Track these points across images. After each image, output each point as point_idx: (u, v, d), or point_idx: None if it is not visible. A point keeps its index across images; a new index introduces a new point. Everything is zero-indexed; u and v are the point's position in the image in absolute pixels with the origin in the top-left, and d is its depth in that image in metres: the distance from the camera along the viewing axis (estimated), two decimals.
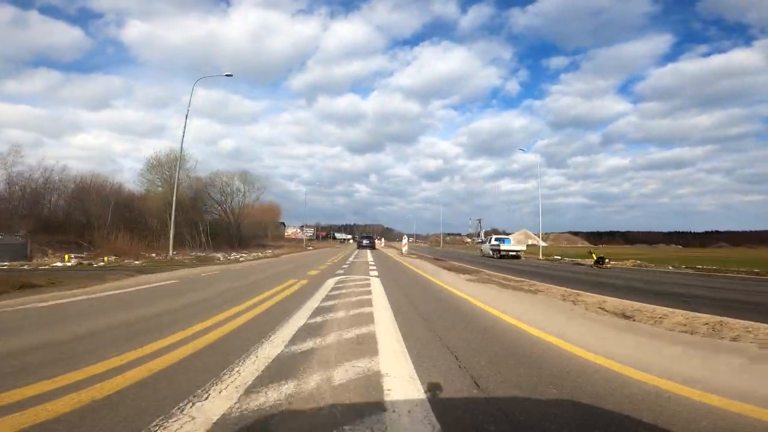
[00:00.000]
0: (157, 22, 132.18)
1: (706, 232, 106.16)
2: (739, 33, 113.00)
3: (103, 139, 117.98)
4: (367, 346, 3.66)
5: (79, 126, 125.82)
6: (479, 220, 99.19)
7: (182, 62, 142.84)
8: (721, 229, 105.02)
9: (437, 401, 2.41)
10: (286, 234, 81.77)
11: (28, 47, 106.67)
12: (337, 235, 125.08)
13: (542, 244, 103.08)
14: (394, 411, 2.24)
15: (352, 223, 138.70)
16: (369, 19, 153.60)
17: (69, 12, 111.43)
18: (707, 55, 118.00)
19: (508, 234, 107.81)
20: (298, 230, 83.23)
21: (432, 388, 2.61)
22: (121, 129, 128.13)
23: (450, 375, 2.90)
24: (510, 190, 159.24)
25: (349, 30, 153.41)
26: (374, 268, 15.34)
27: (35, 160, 27.20)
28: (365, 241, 43.25)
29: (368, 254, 26.70)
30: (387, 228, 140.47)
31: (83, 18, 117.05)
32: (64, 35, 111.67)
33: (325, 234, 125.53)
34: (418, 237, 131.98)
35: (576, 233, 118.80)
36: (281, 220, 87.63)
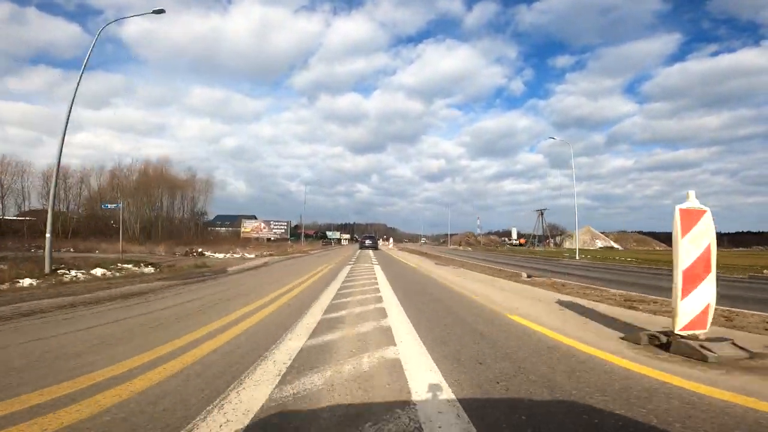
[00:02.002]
0: (157, 18, 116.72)
1: (739, 233, 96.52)
2: (750, 32, 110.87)
3: (104, 138, 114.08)
4: None
5: (80, 124, 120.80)
6: (541, 212, 69.15)
7: (183, 60, 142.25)
8: (724, 230, 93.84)
9: None
10: (243, 230, 53.63)
11: (26, 44, 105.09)
12: (329, 234, 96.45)
13: (614, 245, 74.60)
14: None
15: (352, 222, 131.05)
16: (372, 15, 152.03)
17: (67, 8, 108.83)
18: (716, 54, 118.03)
19: (568, 231, 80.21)
20: (262, 225, 54.85)
21: None
22: (122, 128, 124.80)
23: None
24: (513, 191, 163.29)
25: (352, 27, 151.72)
26: None
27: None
28: (367, 242, 39.50)
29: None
30: (390, 227, 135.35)
31: (81, 14, 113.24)
32: (62, 32, 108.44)
33: (314, 233, 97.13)
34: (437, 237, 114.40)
35: (642, 233, 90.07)
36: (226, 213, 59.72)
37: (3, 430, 1.81)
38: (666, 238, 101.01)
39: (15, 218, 35.56)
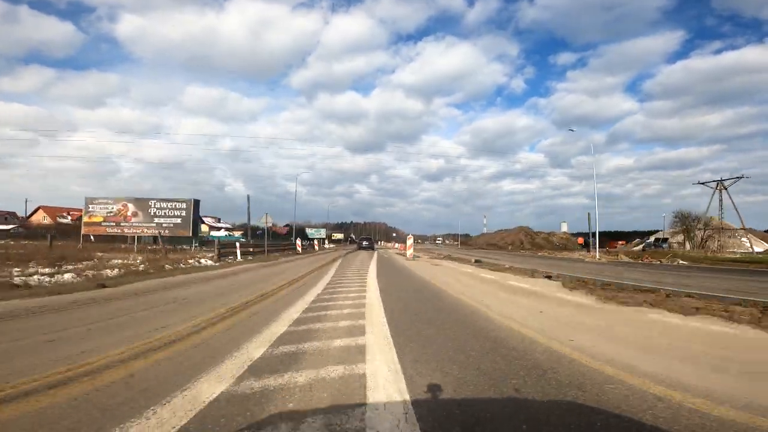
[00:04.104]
0: (151, 16, 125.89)
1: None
2: (754, 29, 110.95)
3: (101, 139, 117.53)
4: None
5: (75, 125, 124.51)
6: (721, 185, 38.79)
7: (179, 59, 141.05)
8: None
9: None
10: (88, 220, 24.50)
11: (19, 43, 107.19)
12: (310, 233, 67.43)
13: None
14: None
15: (349, 221, 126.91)
16: (371, 12, 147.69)
17: (59, 6, 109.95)
18: (719, 51, 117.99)
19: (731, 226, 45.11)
20: (131, 210, 25.36)
21: None
22: (119, 128, 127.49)
23: None
24: (512, 191, 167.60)
25: (350, 24, 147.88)
26: None
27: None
28: (365, 243, 40.08)
29: None
30: (391, 227, 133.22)
31: (74, 12, 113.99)
32: (55, 31, 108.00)
33: (287, 231, 67.87)
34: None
35: None
36: None
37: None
38: None
39: None
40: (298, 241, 24.07)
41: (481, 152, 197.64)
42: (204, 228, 59.77)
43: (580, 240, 78.92)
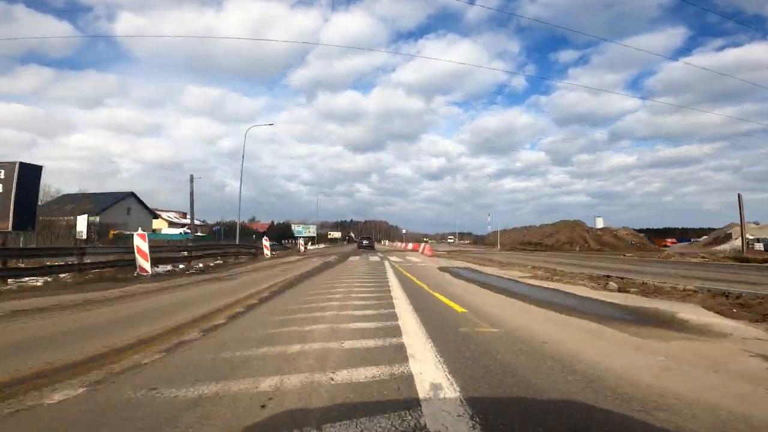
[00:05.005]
0: (150, 15, 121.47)
1: None
2: (757, 26, 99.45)
3: (100, 139, 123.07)
4: None
5: (74, 125, 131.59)
6: None
7: (178, 58, 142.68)
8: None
9: None
10: None
11: (16, 43, 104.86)
12: (297, 231, 55.09)
13: None
14: None
15: (349, 220, 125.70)
16: (371, 10, 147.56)
17: (56, 5, 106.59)
18: (721, 48, 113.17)
19: None
20: None
21: None
22: (117, 128, 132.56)
23: None
24: (513, 189, 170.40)
25: (350, 22, 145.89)
26: None
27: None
28: (365, 242, 39.57)
29: None
30: (392, 225, 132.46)
31: (71, 11, 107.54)
32: (53, 30, 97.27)
33: (269, 227, 55.61)
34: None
35: None
36: None
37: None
38: None
39: None
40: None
41: (482, 150, 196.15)
42: (159, 223, 47.42)
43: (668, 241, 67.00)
